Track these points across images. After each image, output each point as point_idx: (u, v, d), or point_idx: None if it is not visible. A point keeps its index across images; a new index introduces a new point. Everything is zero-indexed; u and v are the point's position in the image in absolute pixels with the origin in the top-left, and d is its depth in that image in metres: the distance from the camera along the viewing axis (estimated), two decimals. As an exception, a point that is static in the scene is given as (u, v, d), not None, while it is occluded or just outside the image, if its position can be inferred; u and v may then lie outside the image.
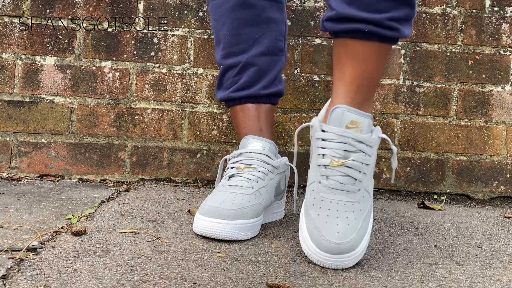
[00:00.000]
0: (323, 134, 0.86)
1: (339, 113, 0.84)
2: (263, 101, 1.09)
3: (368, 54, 0.85)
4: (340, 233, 0.78)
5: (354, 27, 0.83)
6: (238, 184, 0.96)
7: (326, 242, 0.78)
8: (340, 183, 0.83)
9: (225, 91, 1.10)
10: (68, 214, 1.03)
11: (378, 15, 0.82)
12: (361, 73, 0.86)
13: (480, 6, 1.41)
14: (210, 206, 0.91)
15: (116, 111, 1.40)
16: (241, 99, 1.08)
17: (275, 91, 1.10)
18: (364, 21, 0.82)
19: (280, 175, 1.05)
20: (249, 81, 1.07)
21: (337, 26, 0.85)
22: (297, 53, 1.41)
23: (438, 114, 1.41)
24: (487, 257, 0.90)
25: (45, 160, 1.38)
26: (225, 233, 0.88)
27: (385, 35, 0.84)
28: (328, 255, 0.78)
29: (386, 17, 0.82)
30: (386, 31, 0.83)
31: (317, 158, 0.86)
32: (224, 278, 0.73)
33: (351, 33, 0.84)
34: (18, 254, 0.76)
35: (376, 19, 0.82)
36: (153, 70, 1.40)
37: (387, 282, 0.75)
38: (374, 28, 0.82)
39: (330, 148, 0.84)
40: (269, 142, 1.03)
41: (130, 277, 0.71)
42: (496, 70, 1.41)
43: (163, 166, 1.40)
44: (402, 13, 0.83)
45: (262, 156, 1.01)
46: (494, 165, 1.41)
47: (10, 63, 1.38)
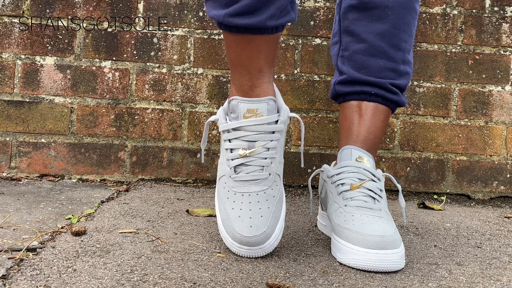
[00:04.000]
0: (336, 171, 0.92)
1: (348, 152, 0.94)
2: (268, 32, 0.84)
3: (373, 114, 0.98)
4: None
5: (362, 89, 0.98)
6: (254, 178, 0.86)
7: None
8: (365, 201, 0.88)
9: (220, 9, 0.83)
10: (68, 214, 1.03)
11: (383, 80, 0.97)
12: (367, 128, 0.97)
13: (480, 6, 1.41)
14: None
15: (116, 111, 1.40)
16: (239, 28, 0.83)
17: (286, 20, 0.85)
18: (371, 84, 0.97)
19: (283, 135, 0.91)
20: (253, 3, 0.80)
21: (348, 89, 0.99)
22: (297, 53, 1.41)
23: (438, 114, 1.41)
24: (487, 257, 0.90)
25: (45, 160, 1.38)
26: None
27: (387, 98, 0.98)
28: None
29: (389, 82, 0.97)
30: (388, 94, 0.98)
31: (338, 187, 0.91)
32: (224, 278, 0.73)
33: (359, 94, 0.98)
34: (18, 254, 0.76)
35: (381, 83, 0.97)
36: (153, 70, 1.40)
37: (387, 282, 0.75)
38: (379, 90, 0.97)
39: (349, 178, 0.90)
40: (266, 100, 0.86)
41: (130, 277, 0.71)
42: (496, 70, 1.41)
43: (163, 166, 1.40)
44: (401, 81, 0.99)
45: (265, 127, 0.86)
46: (494, 165, 1.41)
47: (10, 63, 1.38)
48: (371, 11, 0.97)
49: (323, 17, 1.40)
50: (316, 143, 1.40)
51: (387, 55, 0.97)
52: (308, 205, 1.23)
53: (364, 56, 0.98)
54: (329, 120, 1.41)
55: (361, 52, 0.98)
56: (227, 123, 0.88)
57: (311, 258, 0.84)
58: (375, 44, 0.97)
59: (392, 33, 0.97)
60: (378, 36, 0.97)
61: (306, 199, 1.30)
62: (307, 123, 1.40)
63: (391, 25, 0.96)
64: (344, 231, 0.83)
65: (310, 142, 1.41)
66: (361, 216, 0.84)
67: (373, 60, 0.97)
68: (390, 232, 0.80)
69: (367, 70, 0.97)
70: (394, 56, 0.97)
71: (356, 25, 0.98)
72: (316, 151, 1.40)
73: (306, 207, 1.21)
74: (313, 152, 1.41)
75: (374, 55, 0.97)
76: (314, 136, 1.40)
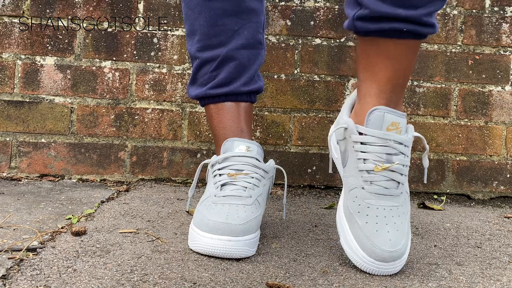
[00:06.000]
0: (362, 138, 0.82)
1: (379, 115, 0.80)
2: (243, 99, 1.01)
3: (403, 53, 0.82)
4: (392, 241, 0.77)
5: (390, 26, 0.79)
6: (235, 194, 0.88)
7: (379, 251, 0.76)
8: (384, 188, 0.81)
9: (201, 88, 1.01)
10: (68, 214, 1.03)
11: (415, 11, 0.78)
12: (396, 72, 0.83)
13: (480, 6, 1.41)
14: (215, 221, 0.81)
15: (116, 111, 1.40)
16: (220, 96, 1.00)
17: (256, 87, 1.03)
18: (401, 19, 0.78)
19: (270, 180, 0.98)
20: (229, 77, 0.99)
21: (372, 26, 0.80)
22: (297, 53, 1.41)
23: (438, 114, 1.41)
24: (487, 257, 0.90)
25: (45, 160, 1.38)
26: (236, 251, 0.80)
27: (421, 33, 0.81)
28: (381, 263, 0.77)
29: (424, 13, 0.79)
30: (423, 28, 0.80)
31: (357, 162, 0.82)
32: (224, 278, 0.73)
33: (386, 32, 0.80)
34: (18, 254, 0.76)
35: (414, 16, 0.78)
36: (153, 70, 1.40)
37: (387, 282, 0.75)
38: (412, 26, 0.79)
39: (373, 152, 0.81)
40: (256, 145, 0.95)
41: (130, 277, 0.71)
42: (496, 70, 1.41)
43: (163, 166, 1.40)
44: (437, 6, 0.80)
45: (252, 160, 0.92)
46: (494, 165, 1.41)
47: (10, 63, 1.38)
48: None
49: (323, 17, 1.40)
50: (316, 143, 1.40)
51: None
52: (308, 205, 1.23)
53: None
54: (329, 120, 1.41)
55: None
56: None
57: (311, 258, 0.84)
58: None
59: None
60: None
61: (306, 199, 1.30)
62: (307, 123, 1.40)
63: None
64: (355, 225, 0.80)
65: (310, 142, 1.41)
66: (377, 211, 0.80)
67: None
68: (400, 244, 0.78)
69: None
70: None
71: None
72: (316, 151, 1.40)
73: (306, 207, 1.21)
74: (313, 152, 1.41)
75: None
76: (314, 136, 1.40)
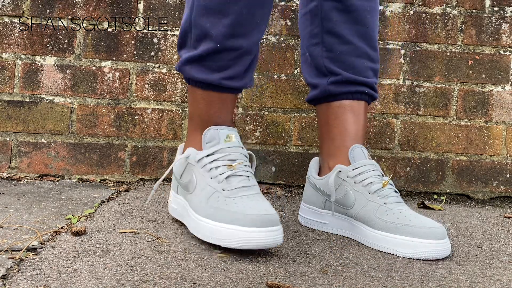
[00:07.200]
0: (357, 170, 0.99)
1: (359, 151, 1.02)
2: (238, 92, 1.00)
3: (363, 111, 1.05)
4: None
5: (356, 89, 1.04)
6: (243, 185, 0.89)
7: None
8: (397, 196, 0.97)
9: (211, 73, 0.94)
10: (68, 214, 1.03)
11: (370, 79, 1.05)
12: (362, 126, 1.05)
13: (480, 6, 1.41)
14: (257, 215, 0.82)
15: (116, 111, 1.40)
16: (231, 89, 0.96)
17: (251, 84, 1.02)
18: (363, 84, 1.04)
19: None
20: (243, 70, 0.96)
21: (342, 89, 1.04)
22: (297, 53, 1.41)
23: (438, 114, 1.41)
24: (487, 257, 0.90)
25: (45, 160, 1.38)
26: (281, 239, 0.84)
27: (373, 96, 1.07)
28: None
29: (374, 81, 1.06)
30: (373, 92, 1.06)
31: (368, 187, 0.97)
32: (224, 278, 0.73)
33: (352, 94, 1.04)
34: (18, 254, 0.76)
35: (370, 82, 1.05)
36: (153, 70, 1.40)
37: (387, 282, 0.75)
38: (369, 90, 1.05)
39: (373, 176, 0.98)
40: (236, 130, 0.96)
41: (130, 277, 0.71)
42: (496, 70, 1.41)
43: (163, 166, 1.40)
44: (376, 80, 1.08)
45: (240, 149, 0.94)
46: (494, 165, 1.41)
47: (10, 63, 1.38)
48: (353, 14, 1.03)
49: (323, 17, 1.40)
50: (316, 143, 1.40)
51: (368, 55, 1.05)
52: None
53: (350, 57, 1.04)
54: (329, 120, 1.41)
55: (347, 53, 1.04)
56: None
57: (311, 258, 0.84)
58: (359, 46, 1.04)
59: (370, 35, 1.05)
60: (360, 37, 1.04)
61: (306, 199, 1.30)
62: (307, 123, 1.41)
63: (369, 27, 1.05)
64: (406, 228, 0.89)
65: (310, 142, 1.41)
66: (407, 211, 0.93)
67: (358, 61, 1.04)
68: (437, 223, 0.91)
69: (355, 70, 1.04)
70: (373, 56, 1.06)
71: (341, 27, 1.04)
72: (316, 151, 1.40)
73: (306, 207, 1.21)
74: (313, 152, 1.41)
75: (359, 56, 1.04)
76: (314, 136, 1.40)
